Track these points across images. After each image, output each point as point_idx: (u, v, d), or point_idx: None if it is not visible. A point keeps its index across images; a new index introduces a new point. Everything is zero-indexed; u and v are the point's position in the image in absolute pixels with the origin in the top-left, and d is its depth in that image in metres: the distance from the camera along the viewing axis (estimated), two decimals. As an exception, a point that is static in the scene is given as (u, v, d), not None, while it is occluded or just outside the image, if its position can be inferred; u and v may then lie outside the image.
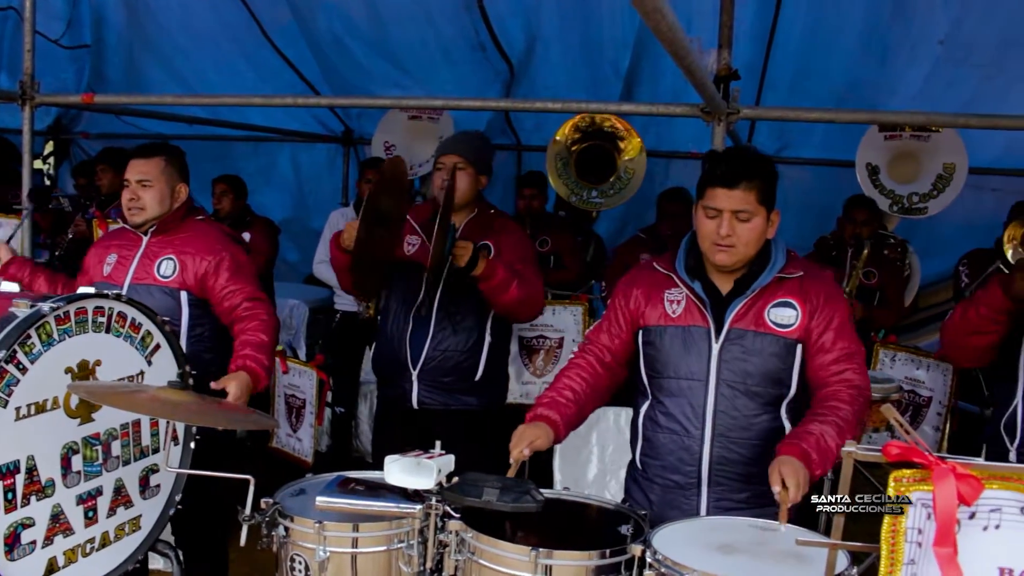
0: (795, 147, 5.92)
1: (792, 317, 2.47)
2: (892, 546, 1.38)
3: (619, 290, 2.68)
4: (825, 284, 2.56)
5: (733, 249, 2.42)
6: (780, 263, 2.49)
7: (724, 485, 2.50)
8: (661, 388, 2.57)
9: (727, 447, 2.49)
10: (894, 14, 4.50)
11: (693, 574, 1.97)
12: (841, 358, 2.49)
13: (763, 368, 2.47)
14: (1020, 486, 1.36)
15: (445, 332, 3.44)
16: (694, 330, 2.51)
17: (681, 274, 2.54)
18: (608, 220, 6.31)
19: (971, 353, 2.94)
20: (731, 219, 2.40)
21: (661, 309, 2.56)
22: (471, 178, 3.44)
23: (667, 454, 2.54)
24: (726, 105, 3.33)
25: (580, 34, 5.07)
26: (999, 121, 3.39)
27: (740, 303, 2.48)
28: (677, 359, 2.53)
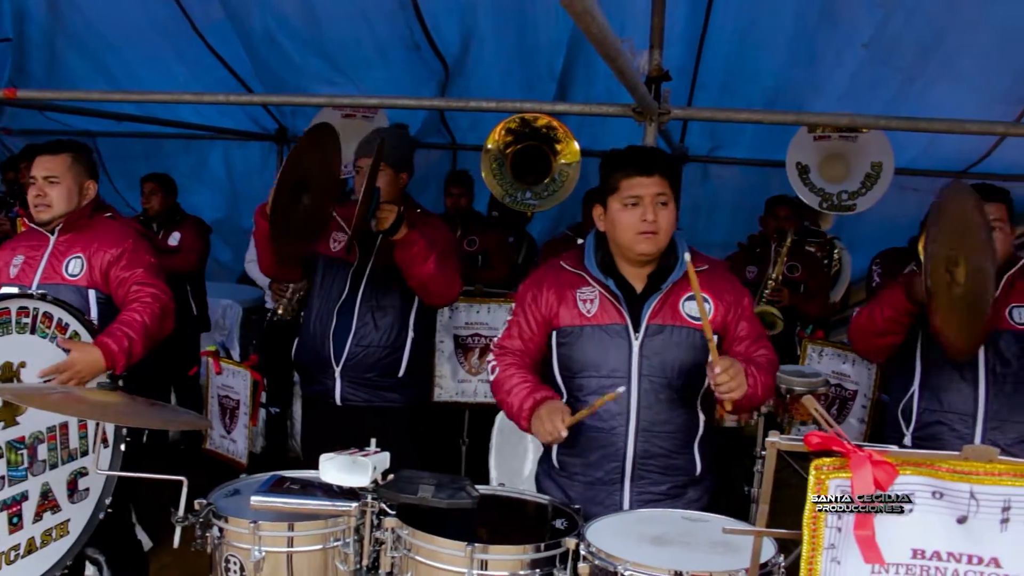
0: (727, 147, 6.03)
1: (706, 310, 2.53)
2: (813, 531, 1.44)
3: (526, 292, 2.68)
4: (727, 275, 2.68)
5: (656, 236, 2.49)
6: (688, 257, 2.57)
7: (646, 478, 2.56)
8: (580, 387, 2.59)
9: (650, 441, 2.54)
10: (821, 17, 4.61)
11: (625, 565, 2.01)
12: (755, 341, 2.63)
13: (682, 361, 2.54)
14: (932, 471, 1.42)
15: (368, 327, 3.43)
16: (612, 328, 2.55)
17: (594, 272, 2.58)
18: (542, 219, 6.35)
19: (879, 351, 3.09)
20: (653, 204, 2.48)
21: (575, 309, 2.58)
22: (390, 177, 3.44)
23: (590, 452, 2.58)
24: (657, 106, 3.38)
25: (515, 34, 5.08)
26: (919, 123, 3.51)
27: (656, 298, 2.54)
28: (597, 357, 2.56)
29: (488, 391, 4.24)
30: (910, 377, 3.06)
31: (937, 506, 1.43)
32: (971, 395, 2.94)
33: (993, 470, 1.40)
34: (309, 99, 5.02)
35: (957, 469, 1.41)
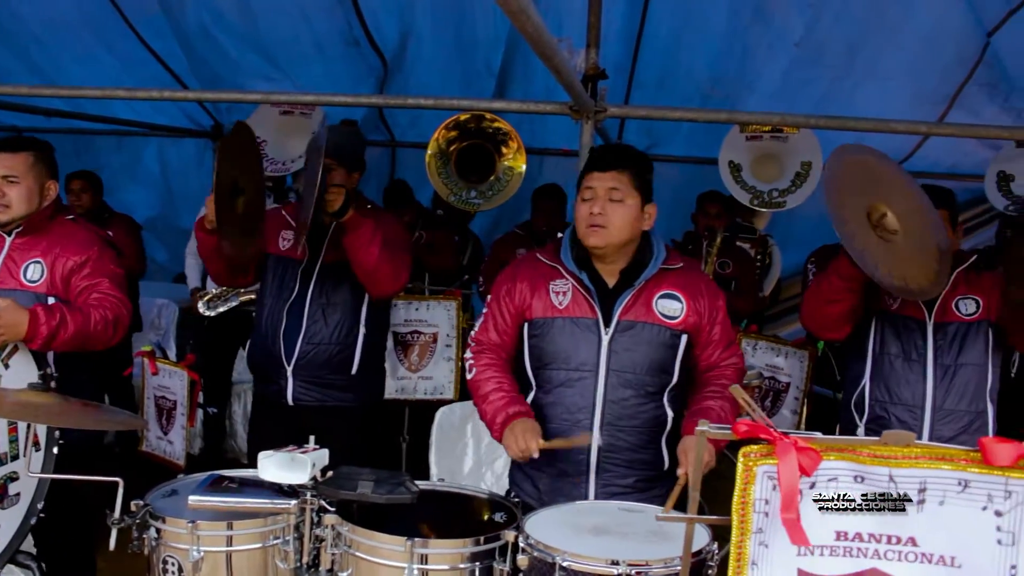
0: (663, 145, 6.12)
1: (678, 309, 2.58)
2: (742, 516, 1.48)
3: (500, 285, 2.71)
4: (702, 276, 2.74)
5: (604, 231, 2.51)
6: (663, 255, 2.61)
7: (611, 472, 2.59)
8: (549, 379, 2.62)
9: (615, 435, 2.57)
10: (754, 16, 4.71)
11: (563, 555, 2.04)
12: (727, 347, 2.68)
13: (650, 358, 2.57)
14: (854, 456, 1.48)
15: (318, 325, 3.42)
16: (582, 321, 2.58)
17: (568, 264, 2.61)
18: (482, 217, 6.34)
19: (828, 322, 3.07)
20: (604, 199, 2.51)
21: (547, 300, 2.61)
22: (342, 178, 3.41)
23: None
24: (594, 103, 3.43)
25: (453, 31, 5.10)
26: (847, 122, 3.61)
27: (629, 294, 2.57)
28: (566, 350, 2.59)
29: (428, 388, 4.29)
30: (862, 370, 3.14)
31: (859, 489, 1.49)
32: (919, 386, 3.03)
33: (910, 454, 1.46)
34: (245, 95, 4.95)
35: (877, 454, 1.47)
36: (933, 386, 3.02)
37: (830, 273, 2.95)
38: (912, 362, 3.03)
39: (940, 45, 4.69)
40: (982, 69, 4.82)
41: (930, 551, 1.50)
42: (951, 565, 1.49)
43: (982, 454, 1.43)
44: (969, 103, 5.03)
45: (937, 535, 1.49)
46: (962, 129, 4.14)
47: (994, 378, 3.07)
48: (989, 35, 4.52)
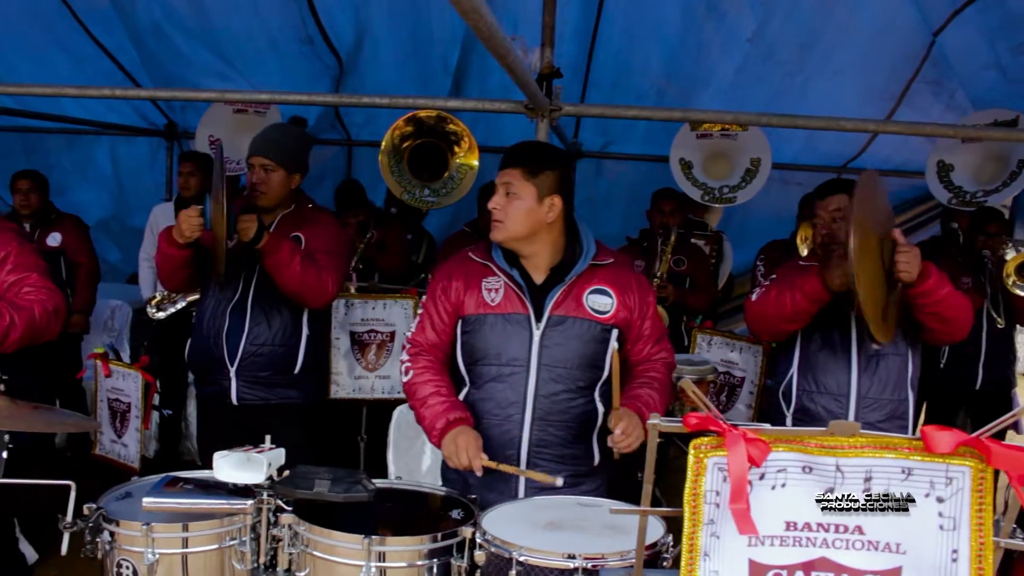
0: (619, 143, 6.17)
1: (608, 304, 2.62)
2: (693, 508, 1.51)
3: (435, 284, 2.72)
4: (633, 272, 2.76)
5: (502, 225, 2.56)
6: (593, 251, 2.65)
7: (541, 467, 2.60)
8: (481, 375, 2.65)
9: (545, 430, 2.60)
10: (707, 12, 4.76)
11: (520, 550, 2.06)
12: (657, 341, 2.73)
13: (581, 352, 2.60)
14: (801, 447, 1.51)
15: (260, 326, 3.41)
16: (514, 317, 2.60)
17: (499, 262, 2.63)
18: (439, 216, 6.36)
19: (779, 335, 3.21)
20: (501, 194, 2.57)
21: (480, 297, 2.63)
22: (281, 179, 3.41)
23: (487, 439, 2.60)
24: (549, 102, 3.45)
25: (409, 29, 5.09)
26: (797, 120, 3.68)
27: (559, 290, 2.59)
28: (498, 346, 2.61)
29: (385, 387, 4.28)
30: (790, 361, 3.22)
31: (807, 480, 1.52)
32: (844, 376, 3.12)
33: (856, 443, 1.50)
34: (197, 94, 4.91)
35: (824, 444, 1.50)
36: (857, 376, 3.10)
37: (795, 291, 3.01)
38: (837, 353, 3.11)
39: (888, 43, 4.78)
40: (928, 67, 4.92)
41: (876, 538, 1.53)
42: (896, 551, 1.53)
43: (924, 442, 1.47)
44: (917, 100, 5.14)
45: (883, 522, 1.52)
46: (909, 127, 4.24)
47: (914, 366, 3.16)
48: (935, 34, 4.62)
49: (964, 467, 1.49)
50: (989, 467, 1.47)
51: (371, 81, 5.45)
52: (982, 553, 1.50)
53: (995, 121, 4.83)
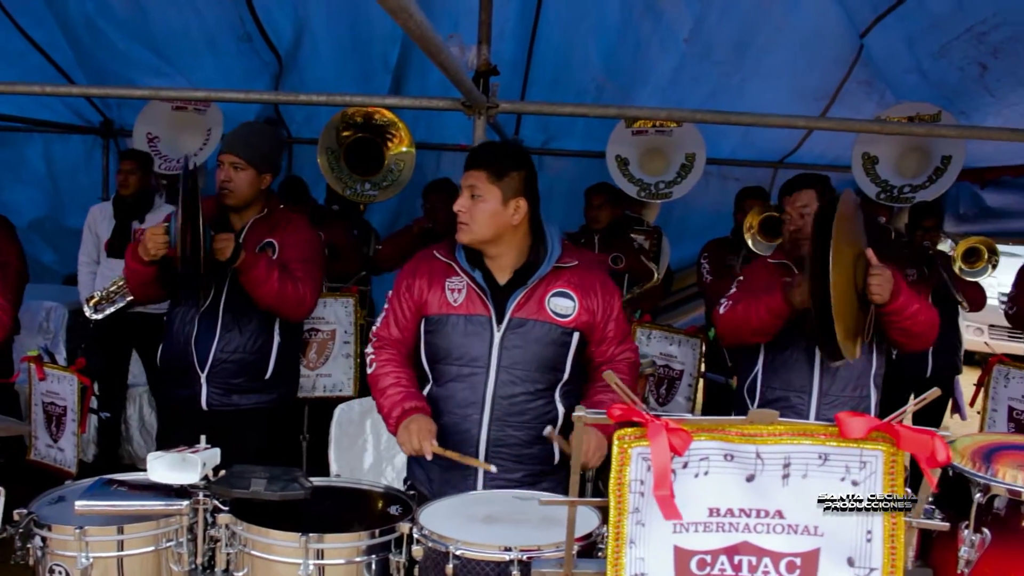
0: (559, 139, 6.22)
1: (570, 308, 2.63)
2: (619, 497, 1.55)
3: (400, 281, 2.73)
4: (598, 273, 2.76)
5: (468, 227, 2.57)
6: (557, 253, 2.65)
7: (500, 466, 2.61)
8: (442, 373, 2.66)
9: (504, 430, 2.62)
10: (645, 11, 4.82)
11: (456, 544, 2.08)
12: (621, 341, 2.75)
13: (542, 355, 2.62)
14: (723, 436, 1.56)
15: (232, 334, 3.38)
16: (475, 318, 2.61)
17: (462, 262, 2.64)
18: (381, 212, 6.34)
19: (748, 345, 3.26)
20: (466, 196, 2.57)
21: (443, 297, 2.64)
22: (250, 178, 3.35)
23: (447, 436, 2.62)
24: (486, 99, 3.47)
25: (348, 27, 5.07)
26: (729, 116, 3.76)
27: (521, 292, 2.60)
28: (459, 346, 2.62)
29: (327, 385, 4.27)
30: (754, 359, 3.28)
31: (729, 467, 1.57)
32: (807, 373, 3.18)
33: (775, 431, 1.55)
34: (131, 91, 4.82)
35: (744, 432, 1.56)
36: (820, 373, 3.16)
37: (759, 306, 3.06)
38: (800, 352, 3.16)
39: (819, 44, 4.89)
40: (859, 68, 5.05)
41: (795, 522, 1.59)
42: (814, 534, 1.59)
43: (838, 428, 1.53)
44: (850, 100, 5.26)
45: (802, 506, 1.58)
46: (836, 123, 4.35)
47: (878, 364, 3.23)
48: (862, 36, 4.74)
49: (877, 451, 1.55)
50: (900, 451, 1.53)
51: (311, 78, 5.42)
52: (894, 533, 1.56)
53: (917, 115, 4.97)
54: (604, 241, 5.19)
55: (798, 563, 1.59)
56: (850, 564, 1.59)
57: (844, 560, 1.59)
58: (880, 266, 2.86)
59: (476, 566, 2.07)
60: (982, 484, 2.37)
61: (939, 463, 1.49)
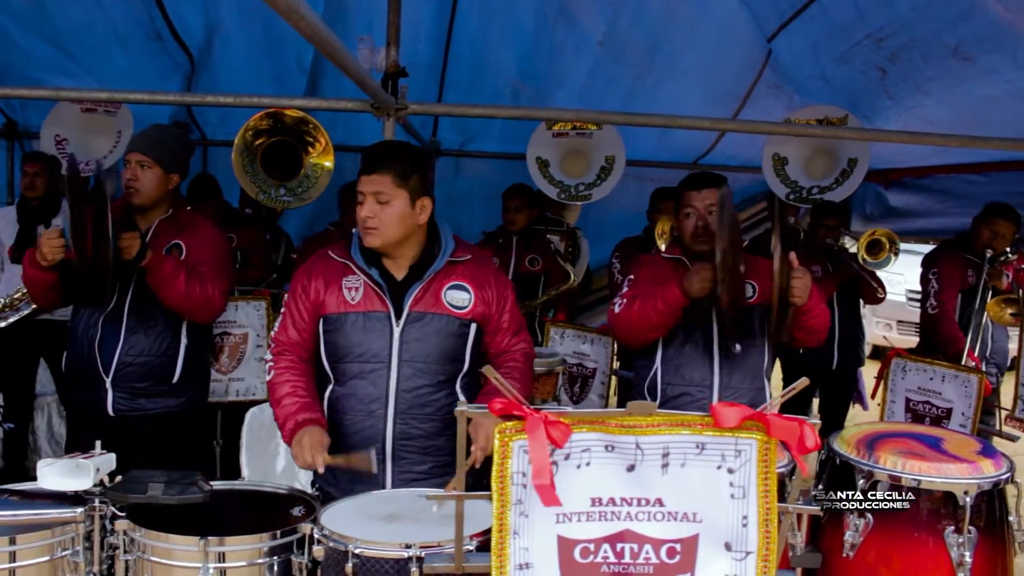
0: (477, 141, 6.22)
1: (466, 300, 2.68)
2: (501, 489, 1.58)
3: (296, 283, 2.74)
4: (490, 266, 2.85)
5: (377, 231, 2.59)
6: (451, 248, 2.71)
7: (407, 459, 2.65)
8: (344, 372, 2.68)
9: (409, 423, 2.65)
10: (559, 15, 4.87)
11: (356, 543, 2.09)
12: (516, 332, 2.81)
13: (441, 347, 2.66)
14: (603, 427, 1.60)
15: (137, 336, 3.33)
16: (374, 315, 2.64)
17: (358, 261, 2.66)
18: (297, 215, 6.28)
19: (647, 342, 3.29)
20: (372, 202, 2.58)
21: (340, 296, 2.66)
22: (157, 177, 3.32)
23: (353, 435, 2.65)
24: (395, 101, 3.48)
25: (262, 27, 4.99)
26: (635, 118, 3.84)
27: (418, 287, 2.64)
28: (359, 343, 2.64)
29: (240, 389, 4.23)
30: (653, 356, 3.31)
31: (610, 458, 1.62)
32: (707, 367, 3.23)
33: (653, 422, 1.60)
34: (32, 91, 4.67)
35: (624, 424, 1.60)
36: (719, 367, 3.22)
37: (656, 300, 3.09)
38: (699, 347, 3.22)
39: (729, 47, 4.99)
40: (768, 72, 5.17)
41: (675, 509, 1.64)
42: (693, 520, 1.65)
43: (713, 418, 1.58)
44: (761, 102, 5.38)
45: (680, 494, 1.63)
46: (741, 124, 4.48)
47: (770, 359, 3.32)
48: (769, 41, 4.86)
49: (751, 439, 1.61)
50: (773, 439, 1.60)
51: (224, 79, 5.32)
52: (768, 518, 1.62)
53: (826, 118, 5.12)
54: (521, 243, 5.23)
55: (678, 549, 1.65)
56: (727, 548, 1.64)
57: (722, 545, 1.65)
58: (802, 269, 2.95)
59: (376, 564, 2.08)
60: (865, 471, 2.47)
61: (808, 450, 1.55)
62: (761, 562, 1.65)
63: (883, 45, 4.54)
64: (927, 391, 3.91)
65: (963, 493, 2.36)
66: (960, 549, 2.35)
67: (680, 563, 1.65)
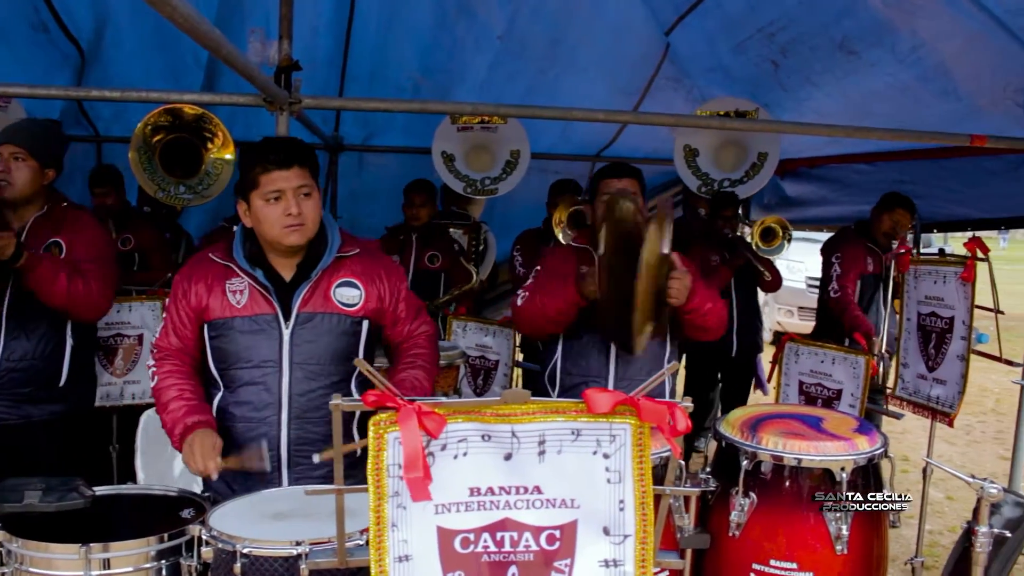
0: (380, 136, 6.18)
1: (356, 296, 2.64)
2: (378, 482, 1.58)
3: (176, 288, 2.65)
4: (380, 258, 2.78)
5: (304, 228, 2.53)
6: (338, 243, 2.66)
7: (303, 464, 2.61)
8: (234, 378, 2.60)
9: (304, 428, 2.60)
10: (458, 10, 4.87)
11: (243, 543, 2.06)
12: (415, 317, 2.78)
13: (334, 347, 2.61)
14: (479, 417, 1.62)
15: (18, 340, 3.20)
16: (261, 318, 2.56)
17: (241, 263, 2.58)
18: (199, 213, 6.14)
19: (547, 335, 3.33)
20: (296, 197, 2.50)
21: (224, 300, 2.58)
22: (32, 171, 3.21)
23: (245, 443, 2.59)
24: (288, 95, 3.42)
25: (154, 20, 4.85)
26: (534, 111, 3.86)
27: (306, 287, 2.59)
28: (248, 348, 2.57)
29: (136, 393, 4.11)
30: (553, 347, 3.36)
31: (487, 447, 1.63)
32: (603, 359, 3.28)
33: (528, 410, 1.62)
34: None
35: (499, 413, 1.62)
36: (615, 357, 3.27)
37: (554, 297, 3.12)
38: (596, 338, 3.25)
39: (628, 41, 5.07)
40: (667, 65, 5.27)
41: (553, 496, 1.67)
42: (571, 506, 1.67)
43: (586, 404, 1.61)
44: (661, 95, 5.48)
45: (558, 481, 1.66)
46: (636, 116, 4.57)
47: (671, 349, 3.37)
48: (666, 34, 4.96)
49: (625, 424, 1.64)
50: (646, 423, 1.63)
51: (116, 73, 5.16)
52: (645, 501, 1.66)
53: (735, 110, 5.24)
54: (421, 239, 5.21)
55: (557, 535, 1.67)
56: (606, 533, 1.68)
57: (600, 529, 1.68)
58: (682, 271, 2.97)
59: (265, 563, 2.06)
60: (749, 452, 2.55)
61: (679, 432, 1.59)
62: (639, 545, 1.68)
63: (774, 39, 4.67)
64: (819, 374, 4.04)
65: (840, 469, 2.46)
66: (837, 523, 2.45)
67: (560, 549, 1.68)
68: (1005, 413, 8.23)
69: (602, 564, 1.68)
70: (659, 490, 1.72)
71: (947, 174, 5.27)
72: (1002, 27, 3.66)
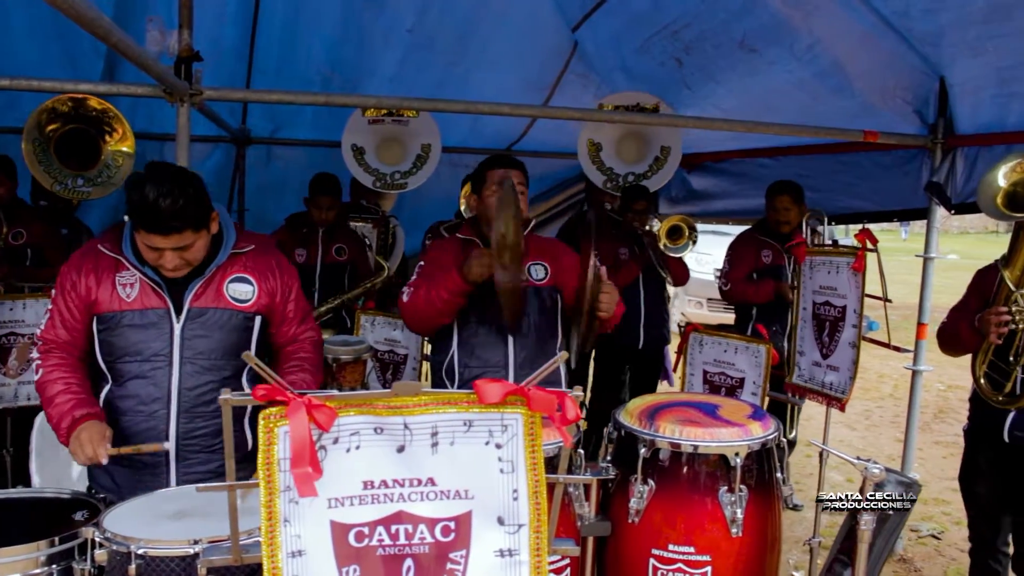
0: (288, 128, 6.10)
1: (249, 292, 2.62)
2: (268, 476, 1.57)
3: (64, 279, 2.58)
4: (273, 254, 2.75)
5: (185, 268, 2.52)
6: (232, 239, 2.63)
7: (192, 459, 2.59)
8: (122, 372, 2.56)
9: (193, 422, 2.57)
10: (366, 4, 4.83)
11: (139, 544, 2.03)
12: (302, 321, 2.77)
13: (226, 343, 2.59)
14: (371, 409, 1.62)
15: None
16: (152, 312, 2.53)
17: (130, 258, 2.54)
18: (100, 207, 5.95)
19: (435, 328, 3.30)
20: (175, 256, 2.46)
21: (114, 293, 2.53)
22: None
23: (133, 436, 2.55)
24: (188, 86, 3.35)
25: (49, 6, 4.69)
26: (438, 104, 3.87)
27: (199, 282, 2.55)
28: (137, 342, 2.53)
29: (31, 394, 3.97)
30: (448, 340, 3.33)
31: (379, 440, 1.64)
32: (502, 348, 3.28)
33: (420, 402, 1.63)
34: None
35: (391, 405, 1.62)
36: (514, 346, 3.27)
37: (439, 287, 3.08)
38: (492, 327, 3.25)
39: (537, 37, 5.12)
40: (575, 61, 5.34)
41: (447, 487, 1.68)
42: (465, 497, 1.69)
43: (477, 395, 1.63)
44: (570, 90, 5.55)
45: (451, 472, 1.67)
46: (544, 111, 4.61)
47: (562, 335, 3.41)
48: (573, 31, 5.01)
49: (516, 414, 1.67)
50: (537, 413, 1.66)
51: (8, 62, 4.96)
52: (538, 490, 1.69)
53: (638, 104, 5.32)
54: (327, 232, 5.15)
55: (452, 527, 1.69)
56: (500, 523, 1.70)
57: (495, 519, 1.70)
58: (610, 284, 3.00)
59: (161, 563, 2.03)
60: (647, 439, 2.61)
61: (568, 421, 1.63)
62: (534, 534, 1.71)
63: (678, 37, 4.77)
64: (722, 363, 4.16)
65: (734, 455, 2.54)
66: (733, 507, 2.53)
67: (455, 540, 1.69)
68: (902, 398, 8.59)
69: (497, 554, 1.70)
70: (552, 479, 1.75)
71: (844, 168, 5.46)
72: (890, 28, 3.83)
